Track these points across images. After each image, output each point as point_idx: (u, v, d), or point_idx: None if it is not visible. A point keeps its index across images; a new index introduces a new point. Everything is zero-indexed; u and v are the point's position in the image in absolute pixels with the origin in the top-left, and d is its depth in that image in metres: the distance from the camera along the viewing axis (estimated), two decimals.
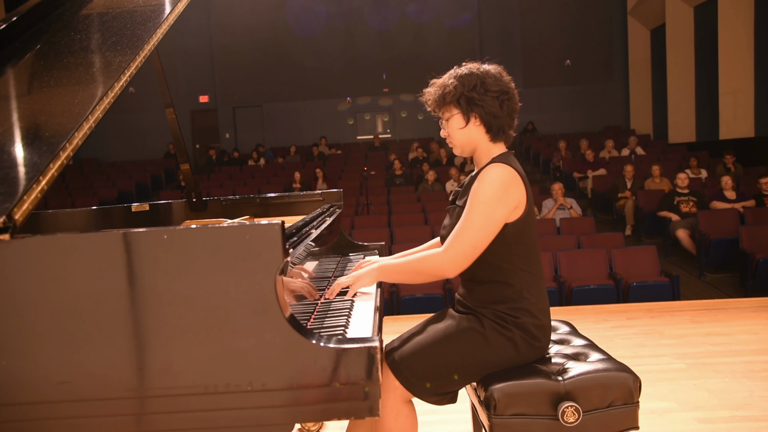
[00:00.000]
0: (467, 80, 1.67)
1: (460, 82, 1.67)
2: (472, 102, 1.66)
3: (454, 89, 1.67)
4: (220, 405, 1.25)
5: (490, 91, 1.66)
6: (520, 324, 1.63)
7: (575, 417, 1.52)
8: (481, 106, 1.66)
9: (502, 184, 1.60)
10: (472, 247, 1.59)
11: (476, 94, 1.65)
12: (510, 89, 1.69)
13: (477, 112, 1.67)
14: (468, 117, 1.68)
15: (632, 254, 5.72)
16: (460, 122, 1.69)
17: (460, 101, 1.67)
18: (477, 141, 1.71)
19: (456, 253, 1.60)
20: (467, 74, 1.68)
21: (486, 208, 1.58)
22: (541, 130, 14.35)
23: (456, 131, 1.71)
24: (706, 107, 11.16)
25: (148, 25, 1.83)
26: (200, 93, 15.22)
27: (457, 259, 1.60)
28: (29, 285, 1.23)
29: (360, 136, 15.21)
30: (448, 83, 1.69)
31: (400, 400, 1.63)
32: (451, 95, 1.68)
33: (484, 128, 1.69)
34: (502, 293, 1.65)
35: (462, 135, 1.71)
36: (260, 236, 1.24)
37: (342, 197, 2.74)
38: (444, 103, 1.71)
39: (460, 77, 1.68)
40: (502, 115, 1.67)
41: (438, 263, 1.62)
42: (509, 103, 1.69)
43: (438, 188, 9.31)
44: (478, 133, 1.70)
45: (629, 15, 13.87)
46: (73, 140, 1.37)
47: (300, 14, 14.28)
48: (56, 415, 1.25)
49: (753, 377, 3.05)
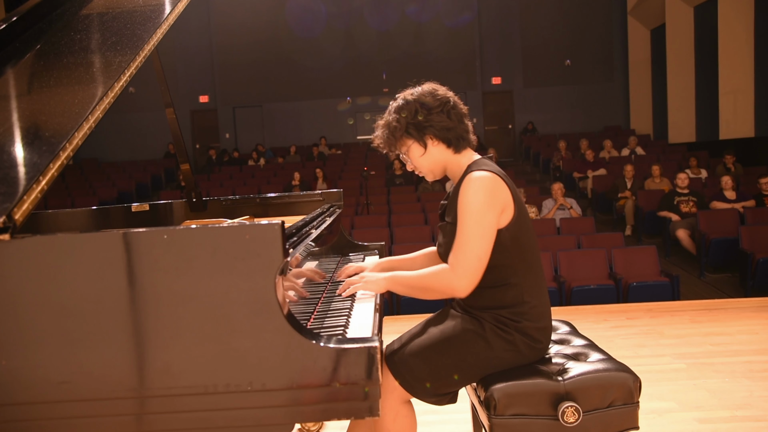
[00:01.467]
0: (407, 109, 1.69)
1: (401, 115, 1.70)
2: (420, 127, 1.68)
3: (398, 123, 1.70)
4: (219, 405, 1.25)
5: (433, 109, 1.67)
6: (521, 328, 1.63)
7: (575, 417, 1.52)
8: (431, 125, 1.67)
9: (486, 190, 1.59)
10: (478, 260, 1.57)
11: (421, 117, 1.67)
12: (449, 98, 1.71)
13: (431, 134, 1.68)
14: (424, 142, 1.70)
15: (632, 254, 5.72)
16: (418, 150, 1.71)
17: (409, 131, 1.69)
18: (443, 160, 1.72)
19: (464, 270, 1.57)
20: (404, 104, 1.71)
21: (478, 218, 1.57)
22: (541, 130, 14.35)
23: (419, 160, 1.73)
24: (706, 107, 11.16)
25: (148, 25, 1.83)
26: (200, 93, 15.21)
27: (467, 276, 1.58)
28: (29, 285, 1.23)
29: (360, 136, 15.20)
30: (390, 120, 1.72)
31: (399, 400, 1.63)
32: (399, 130, 1.70)
33: (444, 144, 1.70)
34: (503, 298, 1.64)
35: (426, 161, 1.72)
36: (260, 236, 1.24)
37: (342, 197, 2.74)
38: (396, 140, 1.72)
39: (399, 109, 1.71)
40: (454, 125, 1.69)
41: (448, 282, 1.60)
42: (455, 111, 1.70)
43: (438, 188, 9.31)
44: (440, 152, 1.71)
45: (629, 15, 13.86)
46: (73, 140, 1.37)
47: (300, 14, 14.27)
48: (56, 415, 1.25)
49: (753, 377, 3.05)
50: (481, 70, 14.61)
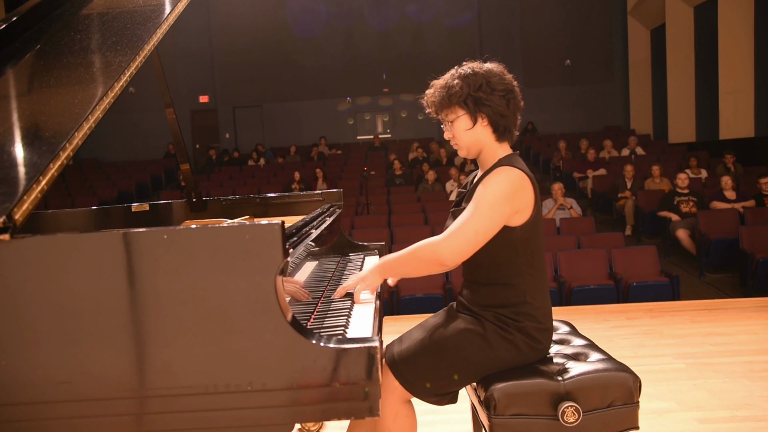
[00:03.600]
0: (472, 80, 1.62)
1: (465, 83, 1.63)
2: (479, 102, 1.62)
3: (460, 89, 1.62)
4: (219, 405, 1.25)
5: (497, 90, 1.62)
6: (522, 328, 1.62)
7: (575, 417, 1.52)
8: (489, 105, 1.62)
9: (511, 184, 1.57)
10: (475, 233, 1.54)
11: (483, 93, 1.61)
12: (514, 87, 1.66)
13: (485, 112, 1.63)
14: (475, 118, 1.64)
15: (632, 254, 5.72)
16: (467, 123, 1.65)
17: (467, 102, 1.63)
18: (484, 142, 1.67)
19: (456, 239, 1.54)
20: (471, 74, 1.64)
21: (494, 201, 1.55)
22: (541, 130, 14.35)
23: (462, 133, 1.66)
24: (706, 107, 11.16)
25: (148, 25, 1.83)
26: (200, 93, 15.22)
27: (457, 246, 1.54)
28: (29, 285, 1.23)
29: (360, 136, 15.21)
30: (453, 84, 1.64)
31: (400, 400, 1.63)
32: (457, 96, 1.63)
33: (492, 128, 1.65)
34: (505, 296, 1.64)
35: (469, 136, 1.66)
36: (260, 236, 1.24)
37: (342, 197, 2.74)
38: (449, 105, 1.65)
39: (465, 77, 1.64)
40: (509, 114, 1.64)
41: (435, 249, 1.56)
42: (515, 102, 1.66)
43: (438, 188, 9.31)
44: (485, 134, 1.66)
45: (629, 15, 13.86)
46: (73, 140, 1.37)
47: (300, 14, 14.28)
48: (56, 415, 1.25)
49: (753, 377, 3.05)
50: None
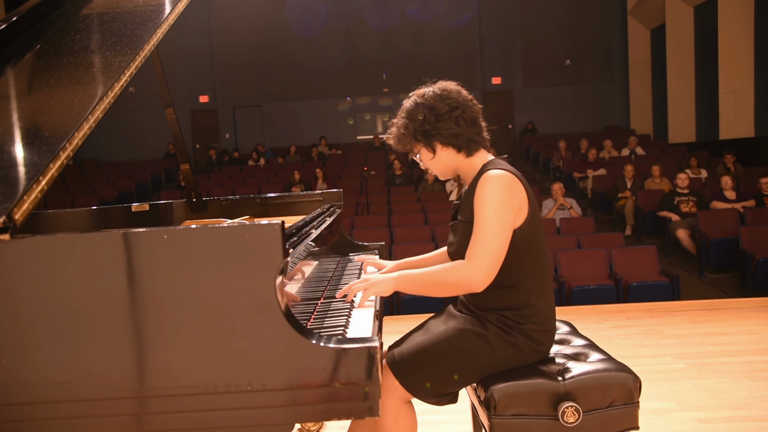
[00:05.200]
0: (415, 114, 1.68)
1: (410, 119, 1.69)
2: (428, 134, 1.67)
3: (405, 129, 1.69)
4: (219, 405, 1.25)
5: (442, 115, 1.65)
6: (525, 330, 1.62)
7: (575, 417, 1.52)
8: (438, 134, 1.66)
9: (503, 187, 1.57)
10: (496, 253, 1.55)
11: (429, 125, 1.66)
12: (459, 102, 1.67)
13: (438, 141, 1.67)
14: (433, 147, 1.69)
15: (632, 254, 5.72)
16: (428, 154, 1.71)
17: (417, 137, 1.69)
18: (453, 162, 1.71)
19: (483, 263, 1.54)
20: (413, 107, 1.69)
21: (497, 212, 1.55)
22: (541, 130, 14.35)
23: (429, 162, 1.73)
24: (706, 107, 11.15)
25: (148, 25, 1.83)
26: (200, 93, 15.21)
27: (486, 269, 1.55)
28: (29, 285, 1.23)
29: (360, 136, 15.20)
30: (400, 124, 1.71)
31: (400, 400, 1.63)
32: (406, 136, 1.70)
33: (453, 149, 1.68)
34: (509, 299, 1.63)
35: (436, 163, 1.72)
36: (260, 236, 1.24)
37: (342, 197, 2.74)
38: (406, 143, 1.72)
39: (409, 113, 1.70)
40: (461, 130, 1.66)
41: (465, 275, 1.56)
42: (465, 115, 1.67)
43: (438, 188, 9.31)
44: (450, 156, 1.70)
45: (629, 15, 13.86)
46: (73, 140, 1.37)
47: (300, 14, 14.27)
48: (56, 415, 1.25)
49: (753, 377, 3.05)
50: (481, 70, 14.61)
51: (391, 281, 1.66)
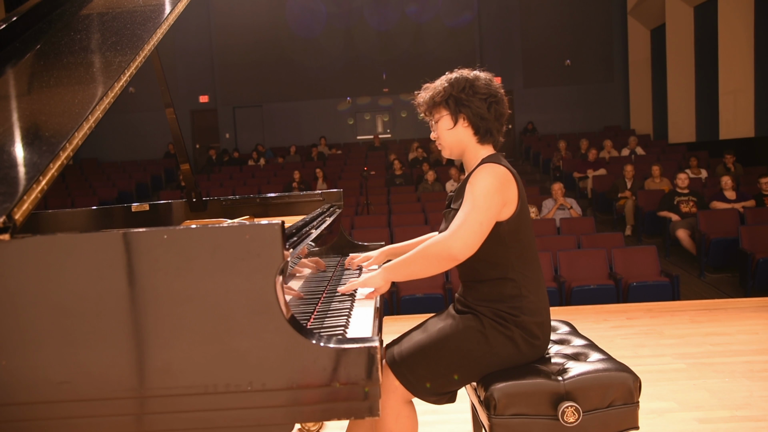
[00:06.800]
0: (456, 82, 1.72)
1: (450, 84, 1.73)
2: (459, 102, 1.70)
3: (443, 90, 1.73)
4: (219, 405, 1.25)
5: (479, 93, 1.70)
6: (520, 323, 1.63)
7: (575, 417, 1.52)
8: (469, 107, 1.70)
9: (497, 178, 1.62)
10: (479, 225, 1.57)
11: (464, 95, 1.70)
12: (499, 94, 1.73)
13: (464, 113, 1.71)
14: (456, 118, 1.72)
15: (632, 254, 5.72)
16: (448, 123, 1.73)
17: (448, 102, 1.72)
18: (465, 142, 1.74)
19: (463, 231, 1.57)
20: (457, 77, 1.74)
21: (486, 194, 1.59)
22: (541, 130, 14.35)
23: (444, 132, 1.75)
24: (706, 107, 11.16)
25: (148, 25, 1.83)
26: (200, 93, 15.22)
27: (465, 237, 1.56)
28: (29, 285, 1.23)
29: (360, 136, 15.21)
30: (439, 86, 1.75)
31: (401, 400, 1.63)
32: (440, 96, 1.73)
33: (472, 129, 1.72)
34: (501, 291, 1.66)
35: (450, 136, 1.74)
36: (260, 236, 1.24)
37: (342, 197, 2.74)
38: (434, 105, 1.75)
39: (450, 80, 1.74)
40: (489, 117, 1.71)
41: (444, 244, 1.58)
42: (497, 107, 1.72)
43: (438, 188, 9.31)
44: (466, 135, 1.73)
45: (629, 15, 13.86)
46: (73, 140, 1.37)
47: (300, 14, 14.27)
48: (56, 415, 1.25)
49: (753, 377, 3.06)
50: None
51: (381, 275, 1.70)
